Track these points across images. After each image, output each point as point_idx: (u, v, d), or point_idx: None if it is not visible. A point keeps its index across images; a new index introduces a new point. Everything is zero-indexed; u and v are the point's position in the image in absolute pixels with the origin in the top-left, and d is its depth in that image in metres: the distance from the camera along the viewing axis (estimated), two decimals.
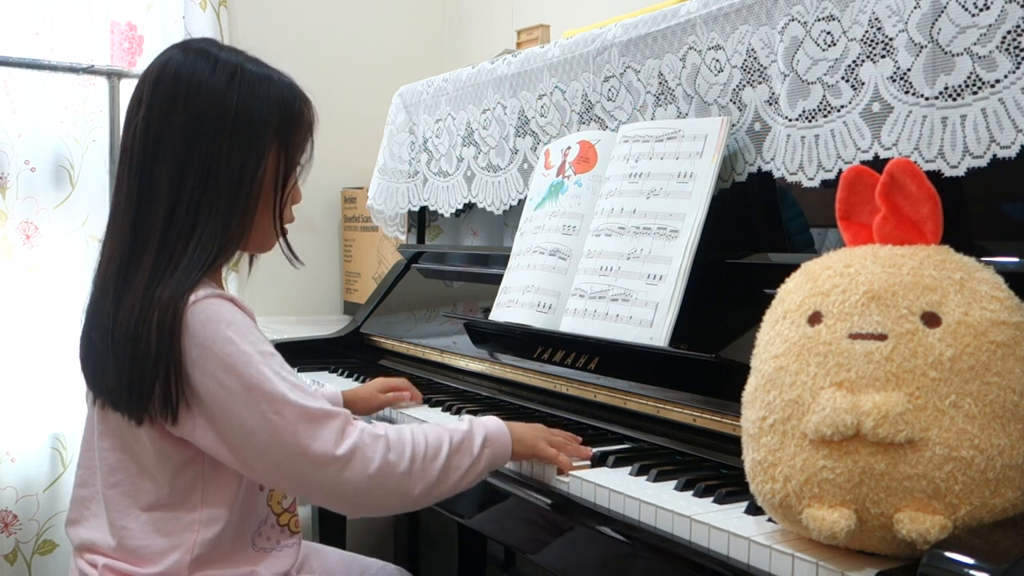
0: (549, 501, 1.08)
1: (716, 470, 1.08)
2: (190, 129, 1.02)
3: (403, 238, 2.25)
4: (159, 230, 1.01)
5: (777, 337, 0.88)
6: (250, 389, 0.97)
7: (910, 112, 1.06)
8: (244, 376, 0.97)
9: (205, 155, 1.02)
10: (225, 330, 0.98)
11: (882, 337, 0.81)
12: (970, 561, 0.69)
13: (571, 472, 1.09)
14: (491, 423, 1.10)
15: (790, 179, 1.21)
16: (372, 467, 0.99)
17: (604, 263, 1.36)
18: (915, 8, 1.04)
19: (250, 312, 1.04)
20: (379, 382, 1.52)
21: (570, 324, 1.38)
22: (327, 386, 1.52)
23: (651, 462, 1.09)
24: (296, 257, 1.14)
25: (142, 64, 2.39)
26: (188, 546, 1.03)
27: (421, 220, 2.16)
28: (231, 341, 0.98)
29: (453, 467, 1.04)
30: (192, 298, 0.99)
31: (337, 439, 0.98)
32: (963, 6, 1.00)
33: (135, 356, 0.97)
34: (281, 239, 1.12)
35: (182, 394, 0.97)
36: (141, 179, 1.03)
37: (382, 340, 1.95)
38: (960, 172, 1.01)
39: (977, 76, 0.99)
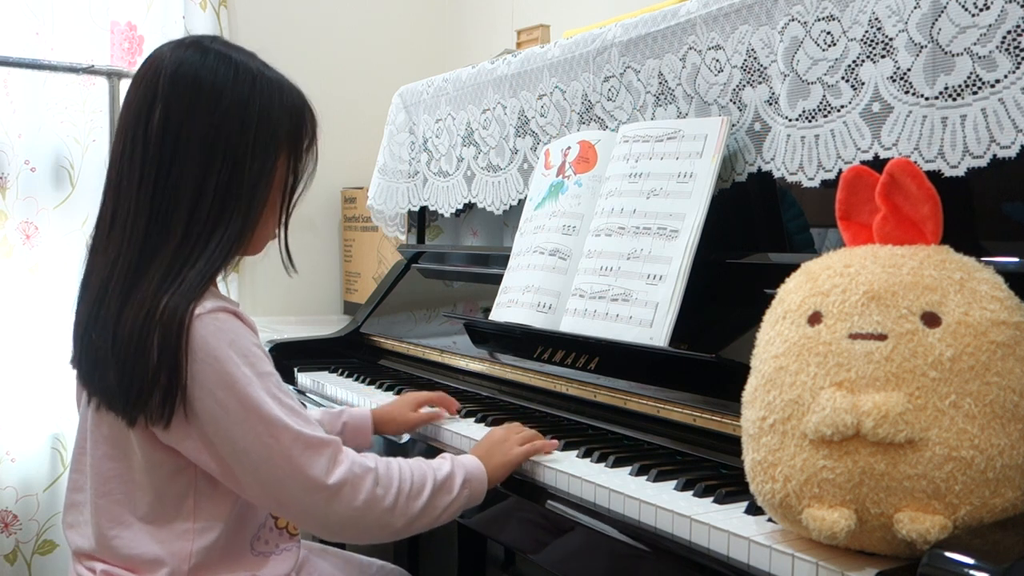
0: (549, 501, 1.08)
1: (716, 470, 1.08)
2: (214, 135, 1.01)
3: (403, 238, 2.25)
4: (178, 234, 1.00)
5: (777, 337, 0.88)
6: (248, 411, 0.97)
7: (910, 112, 1.06)
8: (243, 397, 0.97)
9: (229, 162, 1.01)
10: (227, 348, 0.98)
11: (882, 337, 0.81)
12: (970, 561, 0.69)
13: (571, 473, 1.09)
14: (471, 464, 1.11)
15: (790, 179, 1.21)
16: (359, 499, 1.00)
17: (604, 263, 1.36)
18: (915, 8, 1.04)
19: (252, 324, 1.04)
20: (410, 398, 1.43)
21: (570, 324, 1.38)
22: (343, 403, 1.47)
23: (651, 462, 1.09)
24: (293, 266, 1.14)
25: None
26: (185, 555, 1.02)
27: (421, 220, 2.16)
28: (232, 361, 0.97)
29: (434, 505, 1.05)
30: (198, 310, 0.98)
31: (329, 468, 0.99)
32: (963, 6, 1.00)
33: (137, 362, 0.97)
34: (284, 248, 1.11)
35: (179, 405, 0.97)
36: (157, 182, 1.01)
37: (382, 340, 1.95)
38: (960, 172, 1.01)
39: (977, 76, 0.99)
